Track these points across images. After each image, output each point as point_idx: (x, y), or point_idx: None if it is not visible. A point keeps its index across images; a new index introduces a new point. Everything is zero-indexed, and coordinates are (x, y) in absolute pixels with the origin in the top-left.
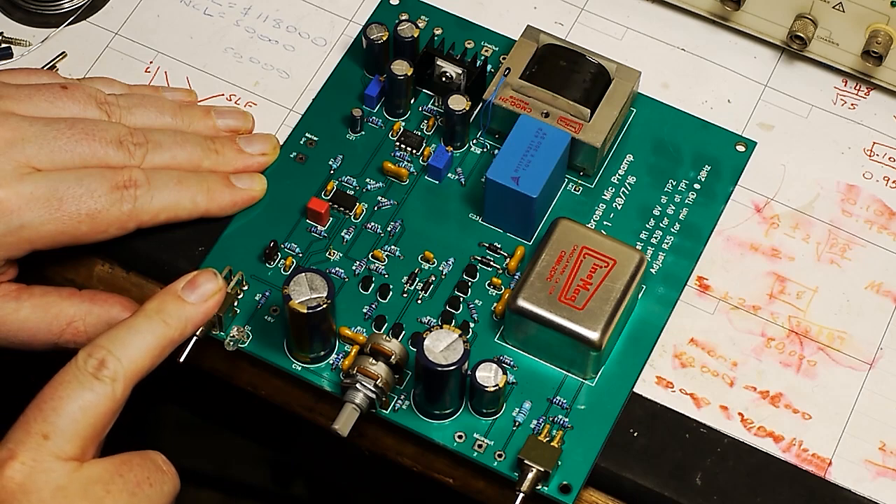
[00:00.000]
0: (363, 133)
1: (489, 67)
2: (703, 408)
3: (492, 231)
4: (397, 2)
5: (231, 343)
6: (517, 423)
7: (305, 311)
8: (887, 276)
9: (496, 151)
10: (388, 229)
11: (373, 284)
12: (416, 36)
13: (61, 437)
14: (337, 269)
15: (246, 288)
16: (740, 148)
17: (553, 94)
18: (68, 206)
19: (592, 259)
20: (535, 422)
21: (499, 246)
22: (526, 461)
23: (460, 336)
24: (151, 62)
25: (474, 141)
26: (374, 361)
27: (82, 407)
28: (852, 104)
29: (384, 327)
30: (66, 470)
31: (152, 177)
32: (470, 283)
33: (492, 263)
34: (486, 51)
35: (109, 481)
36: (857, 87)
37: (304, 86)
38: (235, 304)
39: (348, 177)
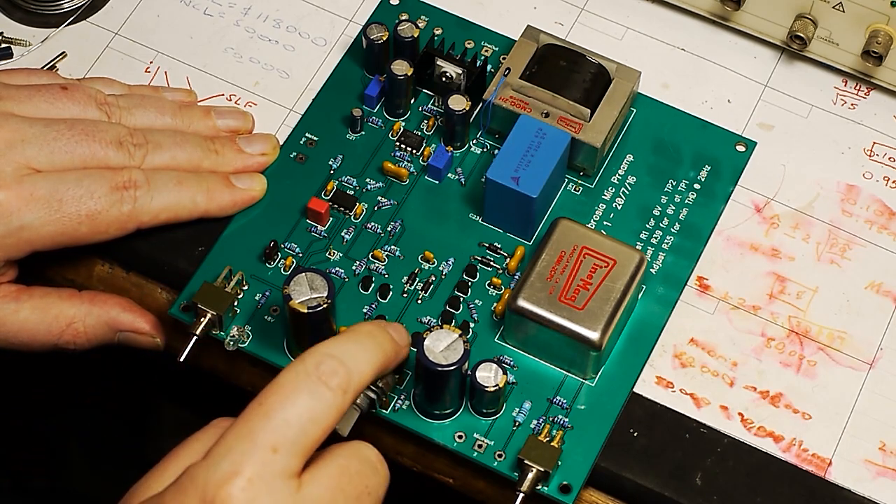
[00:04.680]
0: (363, 133)
1: (489, 67)
2: (703, 408)
3: (492, 231)
4: (397, 2)
5: (231, 343)
6: (517, 423)
7: (306, 311)
8: (887, 276)
9: (496, 151)
10: (388, 229)
11: (373, 284)
12: (416, 36)
13: (289, 452)
14: (337, 269)
15: (246, 288)
16: (740, 148)
17: (553, 94)
18: (68, 207)
19: (592, 259)
20: (535, 422)
21: (499, 246)
22: (526, 461)
23: (460, 336)
24: (151, 62)
25: (474, 141)
26: None
27: (313, 418)
28: (852, 104)
29: None
30: (290, 490)
31: (152, 177)
32: (470, 283)
33: (492, 263)
34: (486, 51)
35: (332, 500)
36: (857, 87)
37: (304, 86)
38: (235, 304)
39: (348, 177)
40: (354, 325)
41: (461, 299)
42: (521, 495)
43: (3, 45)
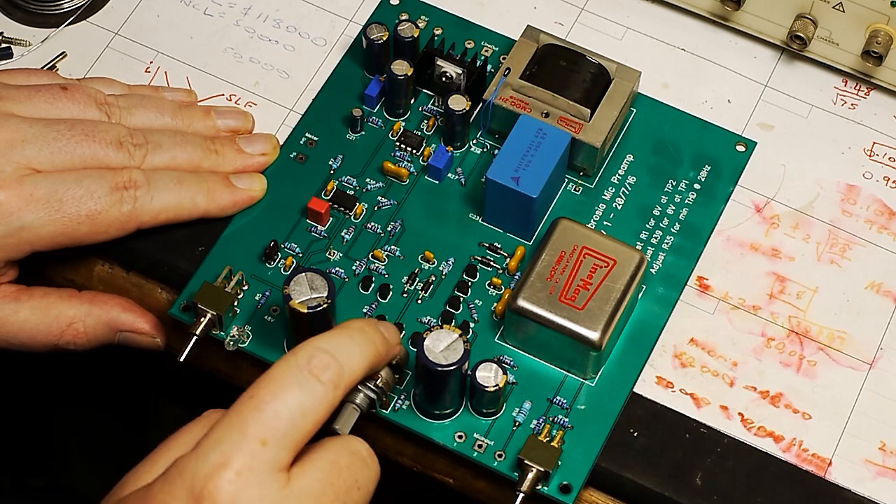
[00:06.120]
0: (363, 133)
1: (489, 67)
2: (703, 408)
3: (492, 231)
4: (397, 2)
5: (231, 343)
6: (517, 423)
7: (306, 310)
8: (887, 276)
9: (496, 151)
10: (388, 229)
11: (373, 284)
12: (416, 36)
13: (279, 444)
14: (337, 269)
15: (246, 288)
16: (740, 148)
17: (553, 94)
18: (68, 207)
19: (592, 259)
20: (535, 422)
21: (499, 246)
22: (526, 461)
23: (460, 336)
24: (151, 62)
25: (474, 141)
26: None
27: (303, 412)
28: (852, 104)
29: None
30: (278, 484)
31: (152, 177)
32: (470, 283)
33: (492, 263)
34: (486, 51)
35: (321, 494)
36: (857, 87)
37: (304, 86)
38: (235, 304)
39: (348, 177)
40: (346, 321)
41: (461, 299)
42: (521, 495)
43: (3, 45)
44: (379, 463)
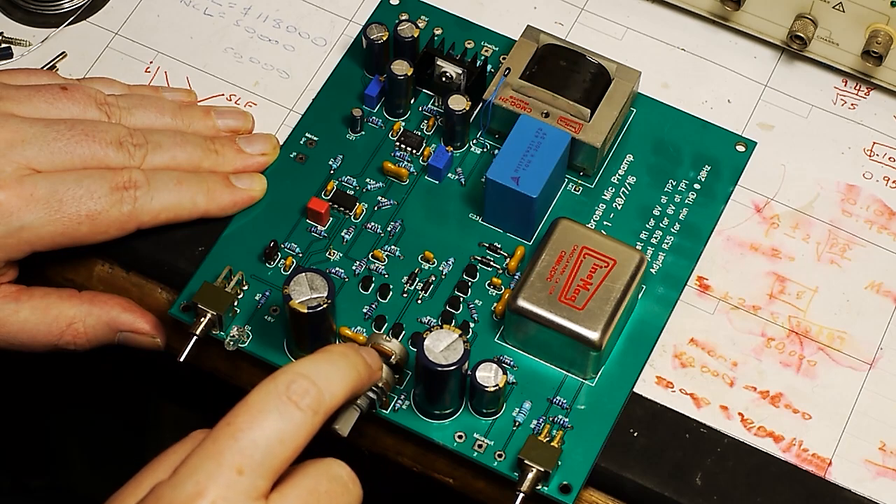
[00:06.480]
0: (363, 133)
1: (489, 67)
2: (703, 408)
3: (492, 231)
4: (397, 2)
5: (231, 343)
6: (517, 423)
7: (305, 310)
8: (887, 276)
9: (496, 151)
10: (388, 229)
11: (373, 284)
12: (416, 36)
13: (255, 473)
14: (337, 269)
15: (246, 288)
16: (740, 148)
17: (553, 94)
18: (68, 207)
19: (592, 259)
20: (535, 422)
21: (499, 246)
22: (526, 461)
23: (460, 336)
24: (151, 62)
25: (474, 141)
26: None
27: (281, 439)
28: (852, 104)
29: (384, 327)
30: None
31: (152, 178)
32: (470, 283)
33: (492, 263)
34: (486, 51)
35: None
36: (857, 87)
37: (304, 86)
38: (235, 304)
39: (348, 177)
40: (327, 346)
41: (461, 299)
42: (521, 495)
43: (3, 45)
44: (361, 487)
